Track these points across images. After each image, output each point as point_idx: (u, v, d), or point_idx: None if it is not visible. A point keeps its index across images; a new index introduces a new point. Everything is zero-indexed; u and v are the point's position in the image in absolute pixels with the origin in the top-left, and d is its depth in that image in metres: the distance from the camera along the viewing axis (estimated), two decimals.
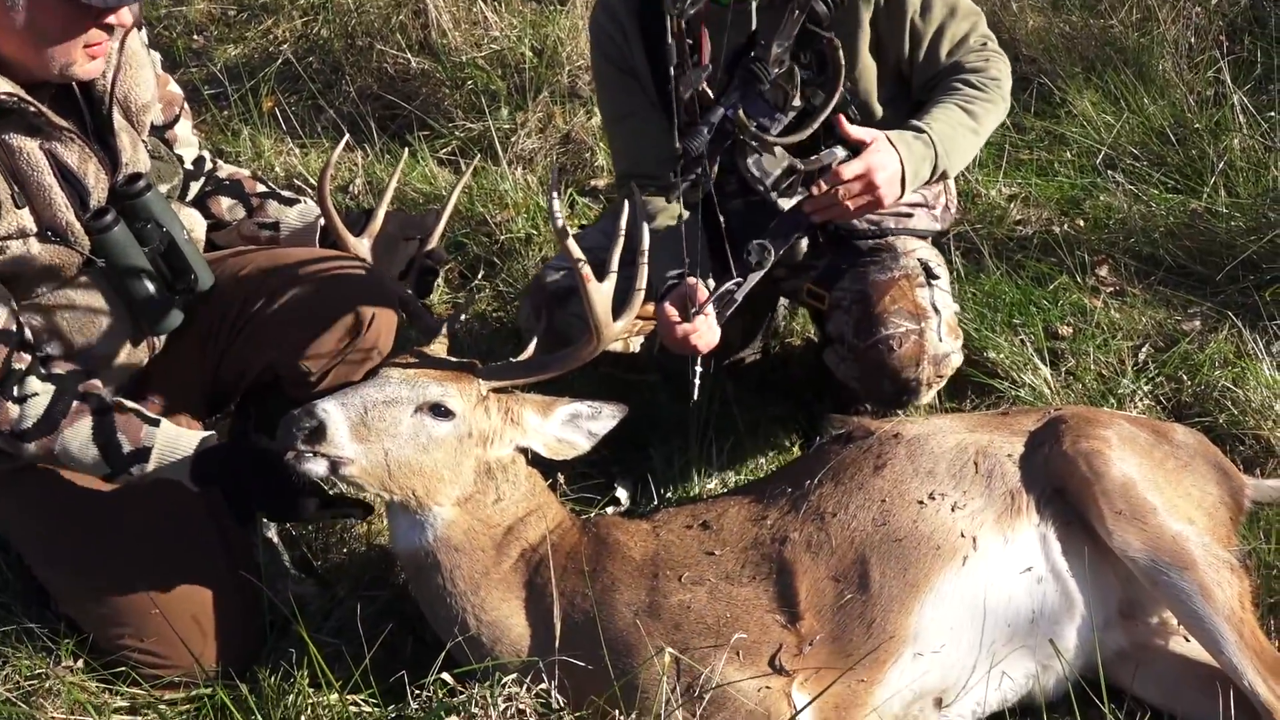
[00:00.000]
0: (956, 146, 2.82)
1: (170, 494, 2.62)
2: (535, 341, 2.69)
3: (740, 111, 2.57)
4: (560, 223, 2.35)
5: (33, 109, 2.34)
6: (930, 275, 3.00)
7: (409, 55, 5.27)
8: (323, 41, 5.71)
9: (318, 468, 2.33)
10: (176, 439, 2.50)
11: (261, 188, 3.01)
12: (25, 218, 2.41)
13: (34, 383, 2.42)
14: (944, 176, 2.86)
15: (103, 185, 2.52)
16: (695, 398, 2.67)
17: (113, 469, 2.47)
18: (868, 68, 2.97)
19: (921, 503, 2.47)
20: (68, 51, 2.33)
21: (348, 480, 2.38)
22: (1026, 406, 3.13)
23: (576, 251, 2.34)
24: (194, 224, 2.82)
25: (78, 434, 2.44)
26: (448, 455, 2.44)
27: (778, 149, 2.66)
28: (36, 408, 2.41)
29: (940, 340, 2.92)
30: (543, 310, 3.05)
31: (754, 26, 2.68)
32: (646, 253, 2.44)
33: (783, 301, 3.68)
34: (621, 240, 2.42)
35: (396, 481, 2.40)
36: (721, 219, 2.80)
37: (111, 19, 2.34)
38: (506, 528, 2.50)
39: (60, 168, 2.44)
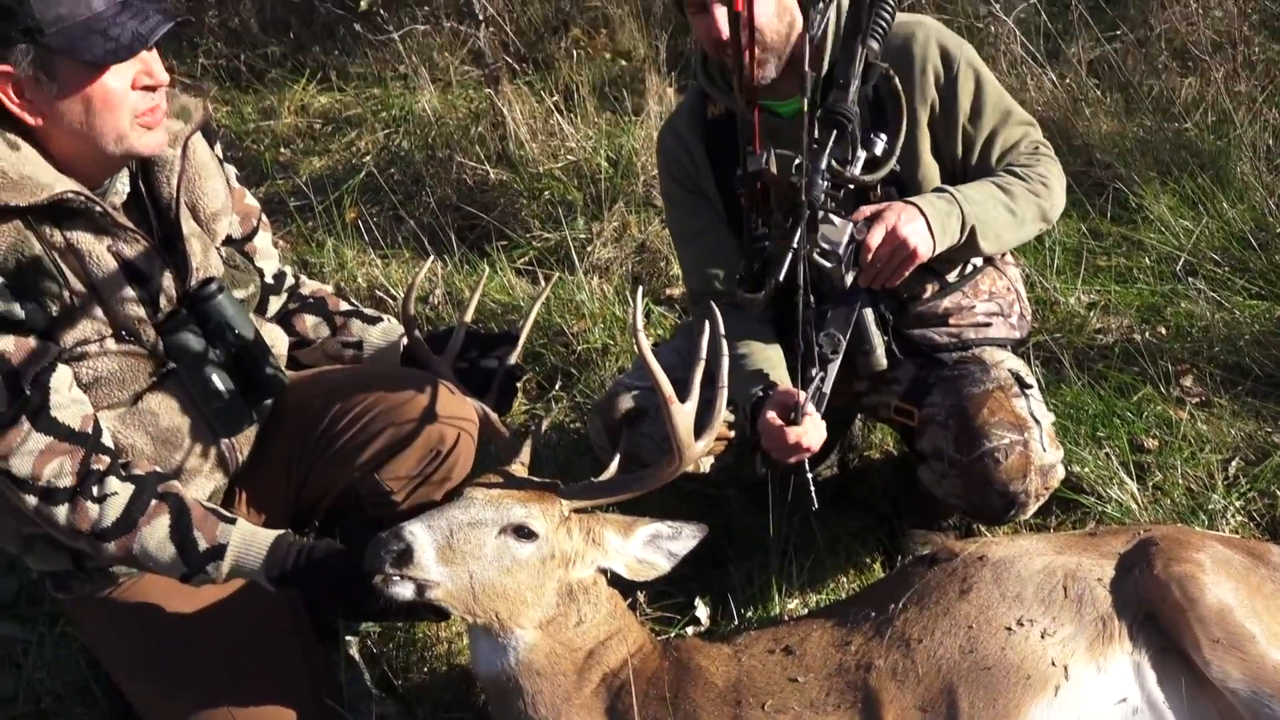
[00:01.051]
0: (986, 212, 2.81)
1: (255, 614, 2.66)
2: (616, 461, 2.70)
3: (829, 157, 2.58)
4: (647, 352, 2.36)
5: (99, 208, 2.40)
6: (1023, 385, 2.96)
7: (487, 166, 5.40)
8: (404, 153, 5.89)
9: (405, 591, 2.34)
10: (252, 536, 2.52)
11: (345, 305, 3.08)
12: (98, 319, 2.47)
13: (113, 482, 2.45)
14: (975, 241, 2.80)
15: (172, 288, 2.58)
16: (815, 505, 2.68)
17: (189, 567, 2.49)
18: (929, 168, 2.97)
19: (1010, 629, 2.42)
20: (117, 125, 2.37)
21: (434, 603, 2.39)
22: (1115, 526, 3.06)
23: (660, 375, 2.36)
24: (276, 340, 2.89)
25: (155, 532, 2.46)
26: (530, 577, 2.44)
27: (835, 218, 2.65)
28: (115, 507, 2.44)
29: (1044, 450, 2.87)
30: (614, 430, 3.08)
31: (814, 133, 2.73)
32: (727, 374, 2.46)
33: (857, 422, 3.67)
34: (702, 362, 2.43)
35: (481, 604, 2.41)
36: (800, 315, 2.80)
37: (146, 79, 2.39)
38: (588, 651, 2.49)
39: (129, 268, 2.49)
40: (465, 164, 5.46)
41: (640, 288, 2.55)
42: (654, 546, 2.59)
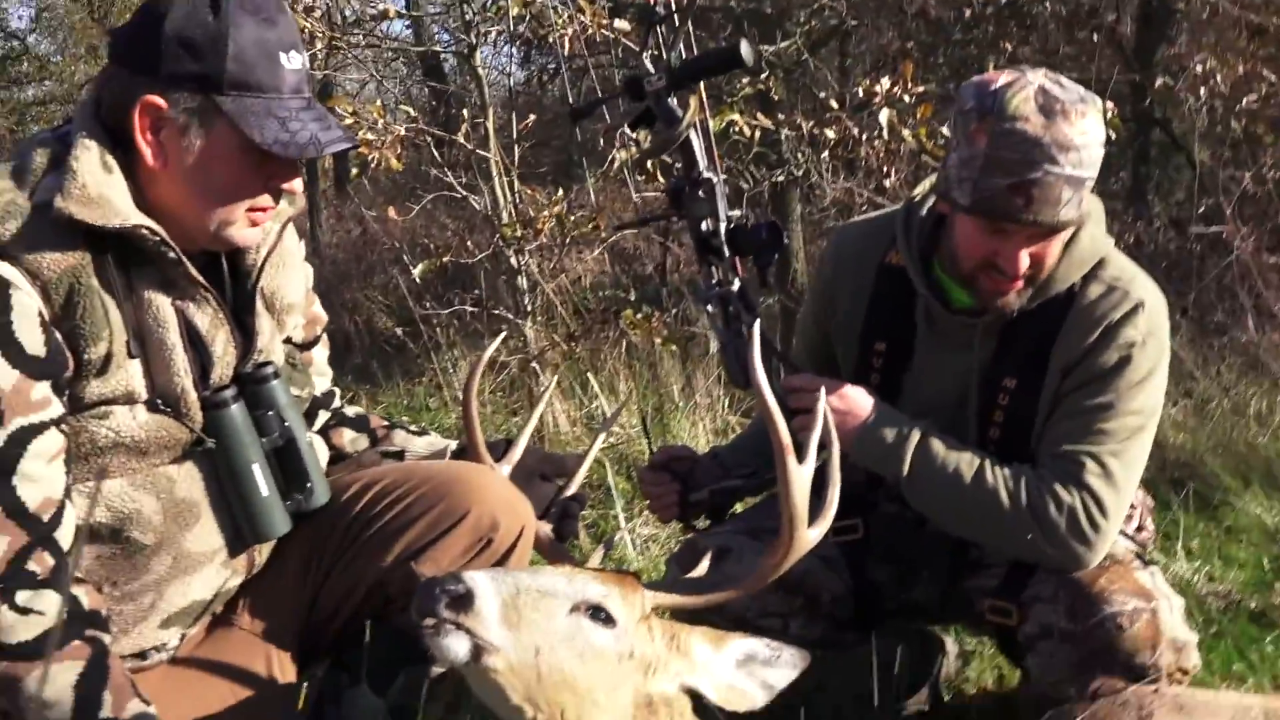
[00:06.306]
0: (932, 473, 2.52)
1: None
2: (708, 559, 2.28)
3: None
4: (766, 392, 2.03)
5: (171, 254, 2.12)
6: (1145, 561, 2.60)
7: None
8: None
9: (459, 646, 1.84)
10: None
11: (387, 423, 2.78)
12: (136, 378, 2.13)
13: (46, 599, 2.00)
14: (895, 476, 2.57)
15: (229, 360, 2.27)
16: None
17: None
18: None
19: None
20: (231, 210, 2.16)
21: (489, 676, 1.89)
22: None
23: (780, 420, 2.02)
24: (318, 451, 2.55)
25: (61, 674, 2.00)
26: (605, 672, 1.96)
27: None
28: (34, 627, 1.99)
29: (1177, 622, 2.43)
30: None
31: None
32: (838, 463, 2.13)
33: (952, 651, 3.23)
34: (819, 429, 2.10)
35: (545, 692, 1.91)
36: None
37: (284, 185, 2.20)
38: None
39: (188, 328, 2.19)
40: None
41: (758, 321, 2.27)
42: (748, 672, 2.13)
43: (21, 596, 1.97)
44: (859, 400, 2.58)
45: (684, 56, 2.55)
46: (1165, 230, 7.13)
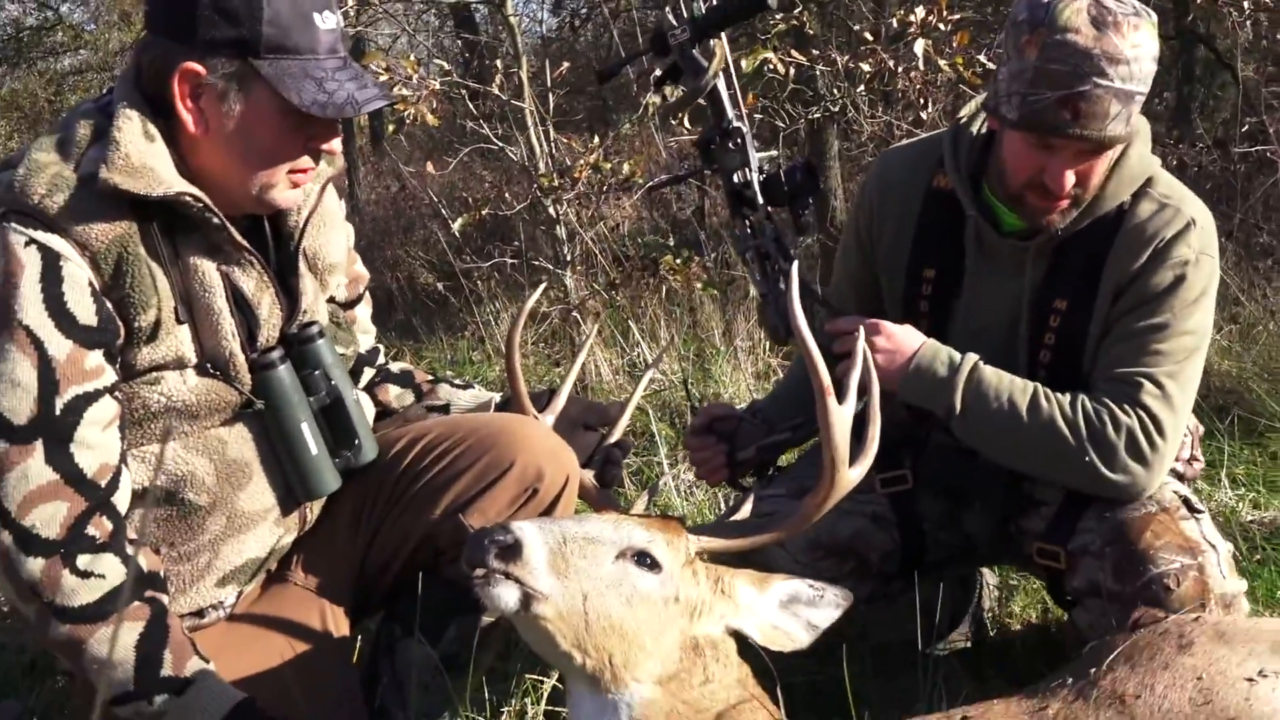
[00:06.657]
0: (986, 405, 2.50)
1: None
2: (749, 503, 2.31)
3: None
4: (806, 334, 2.04)
5: (215, 220, 2.17)
6: (1192, 509, 2.55)
7: None
8: None
9: (509, 595, 1.90)
10: (220, 687, 2.14)
11: (431, 377, 2.82)
12: (186, 343, 2.19)
13: (107, 561, 2.07)
14: (947, 411, 2.54)
15: (275, 322, 2.33)
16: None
17: (137, 688, 2.07)
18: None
19: (1252, 680, 1.95)
20: (272, 173, 2.20)
21: (538, 624, 1.95)
22: None
23: (819, 360, 2.03)
24: (366, 408, 2.61)
25: (123, 635, 2.08)
26: (651, 617, 2.01)
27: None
28: (95, 591, 2.06)
29: (1224, 577, 2.41)
30: None
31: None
32: (877, 397, 2.14)
33: (991, 581, 3.25)
34: (859, 368, 2.12)
35: (594, 638, 1.96)
36: None
37: (324, 145, 2.24)
38: (716, 715, 2.02)
39: (234, 292, 2.25)
40: None
41: (795, 264, 2.28)
42: (791, 613, 2.16)
43: (82, 561, 2.04)
44: (905, 337, 2.57)
45: (706, 6, 2.53)
46: (1209, 151, 7.01)
